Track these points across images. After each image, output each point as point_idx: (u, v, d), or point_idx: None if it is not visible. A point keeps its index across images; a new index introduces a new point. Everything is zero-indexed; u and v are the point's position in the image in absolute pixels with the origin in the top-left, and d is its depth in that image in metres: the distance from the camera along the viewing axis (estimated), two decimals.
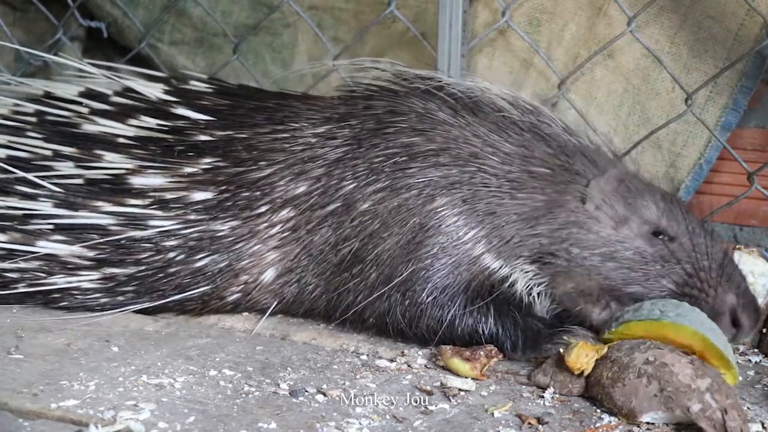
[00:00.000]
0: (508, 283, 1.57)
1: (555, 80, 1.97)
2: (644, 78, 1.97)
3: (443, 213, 1.57)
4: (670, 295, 1.52)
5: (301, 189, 1.65)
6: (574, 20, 2.01)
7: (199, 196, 1.66)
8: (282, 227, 1.65)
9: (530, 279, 1.57)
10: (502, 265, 1.56)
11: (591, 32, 2.00)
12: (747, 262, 1.68)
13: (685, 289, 1.52)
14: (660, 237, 1.55)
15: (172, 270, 1.65)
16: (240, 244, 1.65)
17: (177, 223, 1.65)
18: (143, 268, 1.65)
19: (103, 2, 2.53)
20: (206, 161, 1.69)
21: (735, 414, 1.22)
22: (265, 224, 1.65)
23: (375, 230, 1.59)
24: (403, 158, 1.60)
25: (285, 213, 1.65)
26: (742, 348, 1.65)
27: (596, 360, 1.37)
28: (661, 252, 1.54)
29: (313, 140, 1.68)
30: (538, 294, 1.58)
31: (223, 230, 1.65)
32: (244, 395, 1.33)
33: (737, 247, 1.70)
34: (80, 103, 1.80)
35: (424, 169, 1.59)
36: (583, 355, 1.36)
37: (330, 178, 1.64)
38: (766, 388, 1.46)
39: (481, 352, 1.46)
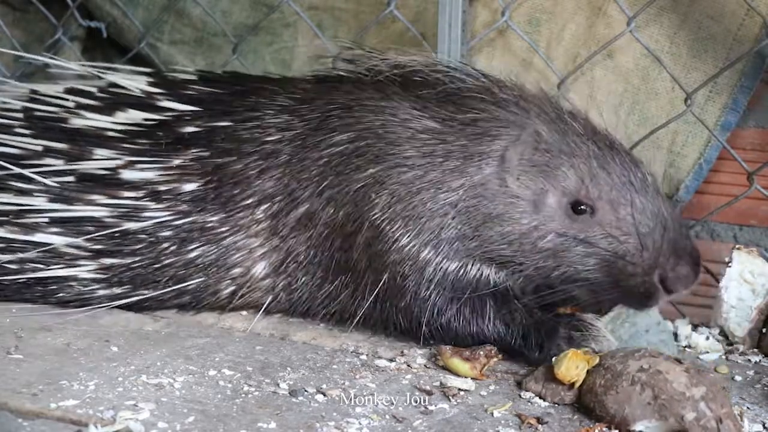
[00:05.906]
0: (491, 282, 1.49)
1: (555, 80, 1.97)
2: (644, 78, 1.97)
3: (381, 220, 1.50)
4: (604, 284, 1.39)
5: (269, 189, 1.61)
6: (574, 20, 2.01)
7: (188, 187, 1.65)
8: (261, 226, 1.62)
9: (500, 277, 1.49)
10: (461, 265, 1.48)
11: (590, 32, 2.00)
12: (747, 261, 1.68)
13: (617, 278, 1.38)
14: (581, 209, 1.39)
15: (166, 261, 1.65)
16: (229, 237, 1.63)
17: (170, 214, 1.64)
18: (138, 259, 1.65)
19: (103, 2, 2.53)
20: (192, 152, 1.67)
21: (730, 423, 1.20)
22: (248, 219, 1.63)
23: (334, 241, 1.56)
24: (344, 159, 1.54)
25: (261, 212, 1.62)
26: (741, 348, 1.64)
27: (588, 369, 1.34)
28: (579, 230, 1.38)
29: (274, 132, 1.63)
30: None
31: (212, 221, 1.63)
32: (243, 395, 1.33)
33: (737, 246, 1.70)
34: (66, 99, 1.79)
35: (363, 170, 1.52)
36: (573, 366, 1.33)
37: (290, 178, 1.59)
38: (766, 388, 1.46)
39: (481, 352, 1.46)
